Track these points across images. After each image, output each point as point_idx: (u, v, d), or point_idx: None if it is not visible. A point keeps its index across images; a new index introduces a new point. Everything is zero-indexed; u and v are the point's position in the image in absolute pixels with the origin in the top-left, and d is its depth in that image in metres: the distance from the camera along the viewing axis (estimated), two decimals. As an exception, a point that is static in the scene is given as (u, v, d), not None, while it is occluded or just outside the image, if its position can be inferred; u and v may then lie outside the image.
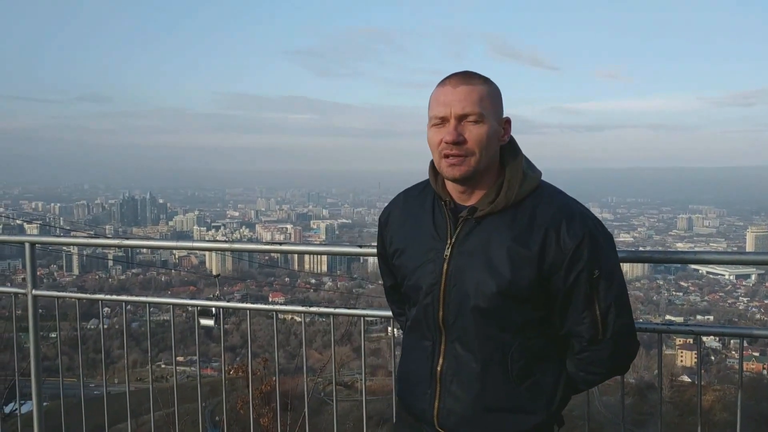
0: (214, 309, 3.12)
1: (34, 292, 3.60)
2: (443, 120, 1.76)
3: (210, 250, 4.14)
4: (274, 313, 3.38)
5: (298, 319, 3.55)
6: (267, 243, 3.21)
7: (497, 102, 1.80)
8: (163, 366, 33.94)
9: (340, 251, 3.30)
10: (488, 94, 1.77)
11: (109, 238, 4.21)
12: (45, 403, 4.05)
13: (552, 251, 1.73)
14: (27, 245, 3.54)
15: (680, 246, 61.97)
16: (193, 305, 3.64)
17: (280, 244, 3.17)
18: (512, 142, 1.86)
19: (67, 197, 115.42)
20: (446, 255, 1.81)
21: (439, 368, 1.86)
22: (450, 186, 1.86)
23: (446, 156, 1.75)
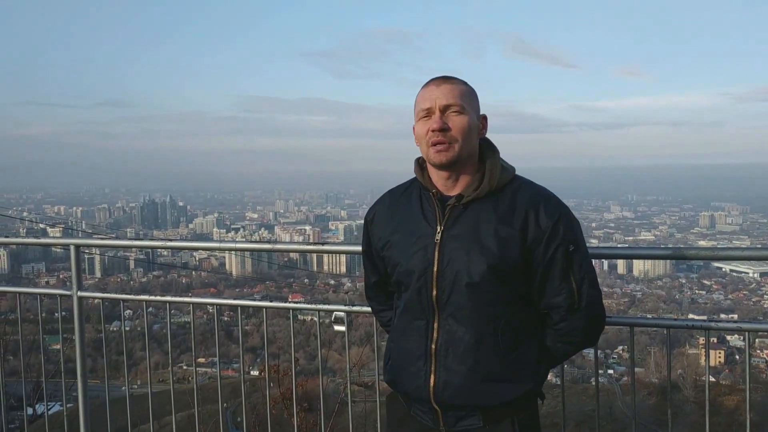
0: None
1: (79, 293, 3.61)
2: (429, 112, 2.01)
3: (256, 250, 4.13)
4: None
5: (317, 320, 3.52)
6: (310, 243, 3.21)
7: (475, 99, 2.06)
8: (185, 367, 34.21)
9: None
10: (467, 91, 2.04)
11: (154, 239, 4.21)
12: (69, 405, 4.09)
13: (532, 229, 1.96)
14: (72, 247, 3.58)
15: (703, 244, 61.18)
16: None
17: (323, 244, 3.16)
18: (488, 140, 2.11)
19: (89, 201, 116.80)
20: (437, 239, 2.00)
21: (433, 345, 2.03)
22: (435, 177, 2.07)
23: (433, 144, 1.98)
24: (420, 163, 2.13)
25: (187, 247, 6.02)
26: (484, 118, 2.09)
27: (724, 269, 62.86)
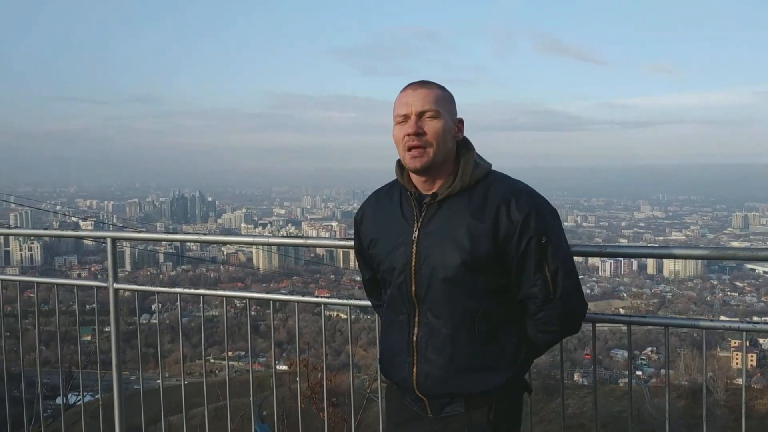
0: None
1: (115, 285, 3.69)
2: (405, 117, 2.07)
3: (288, 245, 4.13)
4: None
5: (343, 316, 3.52)
6: (339, 239, 3.22)
7: (451, 104, 2.12)
8: (212, 360, 34.63)
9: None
10: (443, 96, 2.10)
11: (187, 233, 4.26)
12: (103, 395, 4.17)
13: (504, 223, 2.01)
14: (109, 240, 3.65)
15: (736, 245, 59.90)
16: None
17: (350, 239, 3.17)
18: (466, 140, 2.16)
19: (120, 195, 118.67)
20: (414, 237, 2.09)
21: (415, 338, 2.12)
22: (414, 178, 2.16)
23: (409, 149, 2.06)
24: (400, 165, 2.21)
25: (222, 241, 6.00)
26: (461, 121, 2.16)
27: (757, 271, 61.57)
